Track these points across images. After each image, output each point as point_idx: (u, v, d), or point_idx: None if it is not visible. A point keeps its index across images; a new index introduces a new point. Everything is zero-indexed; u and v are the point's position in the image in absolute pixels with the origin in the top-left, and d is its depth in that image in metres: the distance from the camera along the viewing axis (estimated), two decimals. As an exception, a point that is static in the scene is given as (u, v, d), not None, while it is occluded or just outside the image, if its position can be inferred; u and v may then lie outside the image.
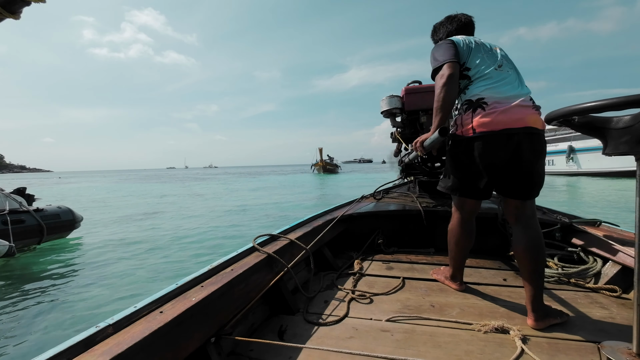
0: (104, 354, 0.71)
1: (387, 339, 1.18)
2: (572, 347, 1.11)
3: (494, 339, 1.16)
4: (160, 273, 4.49)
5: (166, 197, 15.91)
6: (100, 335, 0.77)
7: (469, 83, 1.41)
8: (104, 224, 8.50)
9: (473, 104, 1.35)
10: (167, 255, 5.34)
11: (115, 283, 4.12)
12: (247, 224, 7.85)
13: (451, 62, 1.36)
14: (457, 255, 1.57)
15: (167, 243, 6.19)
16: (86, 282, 4.18)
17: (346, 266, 1.96)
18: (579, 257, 1.75)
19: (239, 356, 1.11)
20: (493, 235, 2.11)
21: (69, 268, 4.80)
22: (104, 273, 4.54)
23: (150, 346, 0.80)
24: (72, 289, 3.96)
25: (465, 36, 1.51)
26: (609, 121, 0.74)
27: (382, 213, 2.30)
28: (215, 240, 6.35)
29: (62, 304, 3.52)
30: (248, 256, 1.42)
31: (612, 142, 0.73)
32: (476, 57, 1.41)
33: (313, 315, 1.38)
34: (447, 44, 1.43)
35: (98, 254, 5.53)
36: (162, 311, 0.91)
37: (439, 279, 1.71)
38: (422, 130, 2.73)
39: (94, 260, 5.17)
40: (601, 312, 1.34)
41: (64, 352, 0.69)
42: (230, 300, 1.13)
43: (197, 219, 8.84)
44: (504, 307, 1.41)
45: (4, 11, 0.44)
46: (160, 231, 7.36)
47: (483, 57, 1.41)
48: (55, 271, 4.65)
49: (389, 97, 2.75)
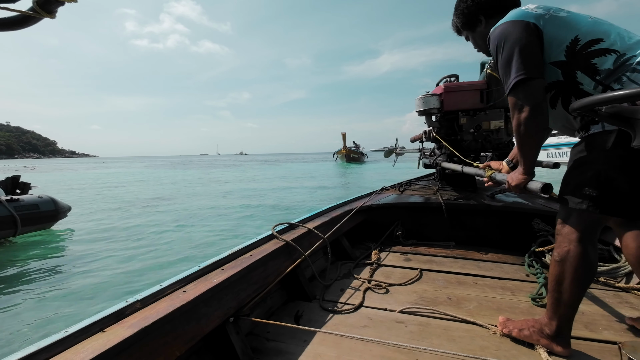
0: (132, 326, 0.77)
1: (400, 329, 1.20)
2: (594, 347, 1.07)
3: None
4: (137, 277, 3.87)
5: (179, 184, 15.86)
6: (129, 309, 0.84)
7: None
8: (103, 212, 8.15)
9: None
10: (148, 256, 4.65)
11: (91, 283, 3.70)
12: (228, 230, 6.32)
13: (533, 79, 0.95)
14: (572, 297, 0.99)
15: (154, 239, 5.57)
16: (57, 282, 3.73)
17: (364, 256, 1.97)
18: (610, 255, 1.66)
19: (256, 337, 1.16)
20: (516, 230, 2.04)
21: (44, 264, 4.31)
22: (82, 270, 4.08)
23: (174, 321, 0.86)
24: (38, 291, 3.47)
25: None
26: (638, 111, 0.70)
27: (402, 205, 2.28)
28: (195, 242, 5.41)
29: (18, 309, 3.08)
30: (267, 243, 1.47)
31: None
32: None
33: (329, 303, 1.41)
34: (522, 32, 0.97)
35: (83, 248, 5.08)
36: (185, 290, 0.97)
37: (522, 336, 1.09)
38: (461, 131, 2.52)
39: (75, 255, 4.74)
40: (630, 313, 1.28)
41: (97, 322, 0.77)
42: (249, 283, 1.19)
43: (195, 213, 8.01)
44: (523, 303, 1.37)
45: (41, 10, 0.48)
46: (148, 226, 6.57)
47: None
48: (26, 268, 4.16)
49: (427, 96, 2.51)
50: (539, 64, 0.96)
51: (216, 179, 18.97)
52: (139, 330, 0.77)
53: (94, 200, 10.66)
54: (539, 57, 0.96)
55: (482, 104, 2.46)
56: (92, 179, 20.38)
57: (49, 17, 0.50)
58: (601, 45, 0.90)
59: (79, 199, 10.84)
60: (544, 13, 0.98)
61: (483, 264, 1.82)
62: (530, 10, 1.00)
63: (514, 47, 0.96)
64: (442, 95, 2.51)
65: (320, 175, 20.68)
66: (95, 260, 4.51)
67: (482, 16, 1.20)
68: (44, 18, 0.50)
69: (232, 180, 17.93)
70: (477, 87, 2.46)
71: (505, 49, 0.99)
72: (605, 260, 1.66)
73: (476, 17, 1.21)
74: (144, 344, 0.77)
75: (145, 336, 0.78)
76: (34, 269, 4.15)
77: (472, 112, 2.48)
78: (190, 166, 41.04)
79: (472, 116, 2.48)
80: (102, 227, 6.56)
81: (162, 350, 0.80)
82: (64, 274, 4.06)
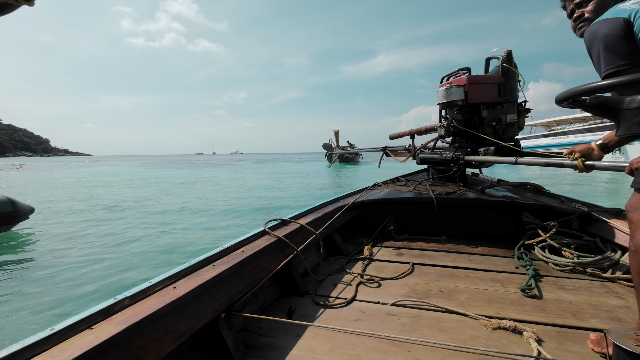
0: (121, 322, 0.76)
1: (393, 322, 1.20)
2: (581, 335, 1.09)
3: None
4: (90, 290, 3.48)
5: (165, 184, 15.24)
6: (117, 306, 0.83)
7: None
8: (71, 215, 7.71)
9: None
10: (106, 266, 4.24)
11: (46, 292, 3.36)
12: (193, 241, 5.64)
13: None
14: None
15: (116, 246, 5.13)
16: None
17: (356, 252, 1.98)
18: (597, 246, 1.70)
19: (249, 332, 1.16)
20: (506, 223, 2.07)
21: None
22: (37, 276, 3.75)
23: (164, 317, 0.85)
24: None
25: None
26: (622, 101, 0.71)
27: (394, 200, 2.30)
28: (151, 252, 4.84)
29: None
30: (259, 239, 1.47)
31: (625, 122, 0.70)
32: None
33: (321, 298, 1.42)
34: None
35: (43, 251, 4.71)
36: (176, 287, 0.96)
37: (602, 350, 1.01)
38: (483, 124, 2.46)
39: (34, 259, 4.42)
40: (616, 302, 1.31)
41: (85, 319, 0.75)
42: (241, 279, 1.18)
43: (169, 215, 7.64)
44: (513, 294, 1.39)
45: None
46: (113, 233, 6.03)
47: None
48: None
49: (451, 87, 2.46)
50: (626, 56, 0.93)
51: (205, 178, 18.62)
52: (127, 326, 0.75)
53: (69, 200, 10.18)
54: (624, 50, 0.93)
55: (499, 98, 2.48)
56: (76, 178, 19.85)
57: (27, 5, 0.49)
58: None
59: (54, 199, 10.37)
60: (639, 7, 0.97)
61: (474, 257, 1.84)
62: (624, 7, 1.00)
63: (600, 46, 0.97)
64: (466, 87, 2.46)
65: (312, 175, 20.05)
66: (50, 267, 4.13)
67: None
68: (21, 5, 0.48)
69: (220, 180, 17.51)
70: (496, 81, 2.47)
71: (595, 48, 0.99)
72: (592, 252, 1.70)
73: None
74: (133, 341, 0.76)
75: (134, 333, 0.76)
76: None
77: (491, 105, 2.48)
78: (182, 165, 40.39)
79: (492, 109, 2.48)
80: (64, 230, 6.11)
81: (151, 346, 0.79)
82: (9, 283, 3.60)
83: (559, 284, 1.48)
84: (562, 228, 1.83)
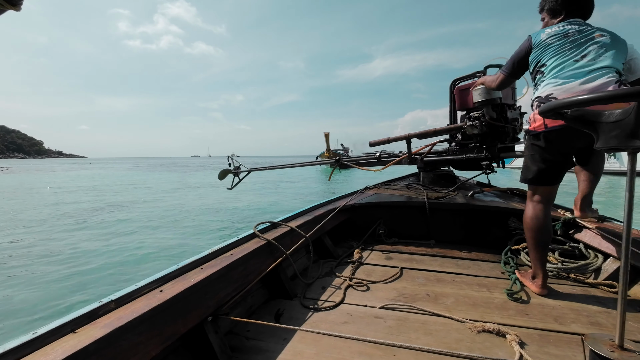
0: (105, 326, 0.76)
1: (379, 325, 1.22)
2: (562, 339, 1.12)
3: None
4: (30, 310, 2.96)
5: (147, 189, 13.94)
6: (103, 310, 0.82)
7: (542, 78, 1.44)
8: (32, 223, 6.88)
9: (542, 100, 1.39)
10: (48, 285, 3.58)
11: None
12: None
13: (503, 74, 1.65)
14: (534, 249, 1.47)
15: (71, 261, 4.43)
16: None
17: (346, 255, 1.99)
18: (580, 252, 1.74)
19: (236, 335, 1.16)
20: (494, 229, 2.11)
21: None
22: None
23: (150, 321, 0.85)
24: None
25: (560, 24, 1.45)
26: (601, 115, 0.73)
27: (384, 204, 2.32)
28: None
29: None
30: (248, 242, 1.47)
31: (603, 136, 0.72)
32: (554, 52, 1.41)
33: (310, 301, 1.42)
34: (520, 47, 1.55)
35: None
36: (162, 290, 0.96)
37: (523, 281, 1.56)
38: (508, 124, 2.53)
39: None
40: (597, 307, 1.34)
41: (68, 322, 0.75)
42: (229, 282, 1.18)
43: (138, 225, 6.74)
44: (498, 299, 1.42)
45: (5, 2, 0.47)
46: (71, 246, 5.24)
47: (563, 50, 1.39)
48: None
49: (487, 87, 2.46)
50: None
51: (190, 184, 16.98)
52: (112, 330, 0.75)
53: (36, 207, 9.23)
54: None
55: (513, 100, 2.62)
56: (58, 182, 18.66)
57: (13, 9, 0.48)
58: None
59: (17, 207, 9.29)
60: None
61: (461, 262, 1.87)
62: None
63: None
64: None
65: (303, 179, 18.51)
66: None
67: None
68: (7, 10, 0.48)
69: (205, 185, 16.08)
70: (512, 85, 2.60)
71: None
72: (576, 258, 1.74)
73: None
74: (117, 344, 0.75)
75: (118, 336, 0.76)
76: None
77: (511, 106, 2.60)
78: (173, 168, 38.52)
79: (512, 110, 2.59)
80: (16, 242, 5.41)
81: (136, 349, 0.79)
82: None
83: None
84: None
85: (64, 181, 20.10)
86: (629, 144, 0.69)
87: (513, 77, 1.64)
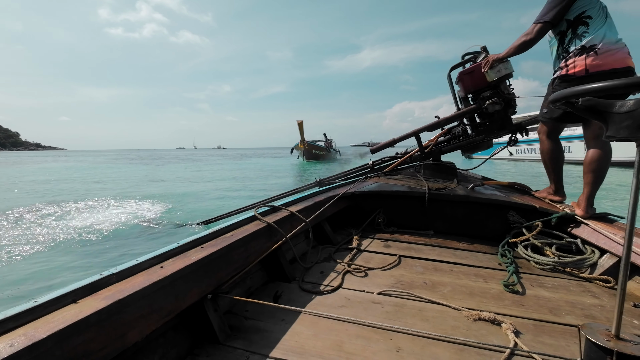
0: (106, 298, 0.76)
1: (377, 309, 1.23)
2: (557, 329, 1.13)
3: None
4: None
5: (107, 184, 12.37)
6: (103, 282, 0.82)
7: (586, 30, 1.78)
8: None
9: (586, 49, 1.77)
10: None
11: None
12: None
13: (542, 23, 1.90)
14: (555, 169, 2.10)
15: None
16: None
17: (345, 241, 2.00)
18: (578, 248, 1.75)
19: (235, 315, 1.17)
20: (492, 221, 2.12)
21: None
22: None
23: (150, 296, 0.85)
24: None
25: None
26: (613, 105, 0.72)
27: (385, 193, 2.32)
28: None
29: None
30: (248, 224, 1.47)
31: (613, 126, 0.72)
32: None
33: (308, 284, 1.43)
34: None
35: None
36: (163, 266, 0.96)
37: (541, 196, 2.21)
38: (511, 107, 2.66)
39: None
40: (592, 300, 1.36)
41: (69, 293, 0.75)
42: (229, 262, 1.18)
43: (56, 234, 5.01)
44: (494, 289, 1.43)
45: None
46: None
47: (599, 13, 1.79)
48: None
49: (502, 61, 2.44)
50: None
51: (159, 177, 15.07)
52: (113, 302, 0.75)
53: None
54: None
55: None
56: (17, 177, 15.89)
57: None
58: None
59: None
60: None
61: (459, 253, 1.88)
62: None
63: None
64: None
65: (277, 173, 16.90)
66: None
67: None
68: None
69: (171, 179, 14.24)
70: None
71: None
72: (573, 252, 1.75)
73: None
74: (117, 317, 0.76)
75: (119, 309, 0.76)
76: None
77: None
78: (150, 161, 34.39)
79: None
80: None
81: (136, 323, 0.79)
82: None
83: (539, 282, 1.52)
84: (546, 228, 1.88)
85: (19, 175, 17.25)
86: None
87: (552, 23, 1.87)
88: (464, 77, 2.71)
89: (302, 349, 0.99)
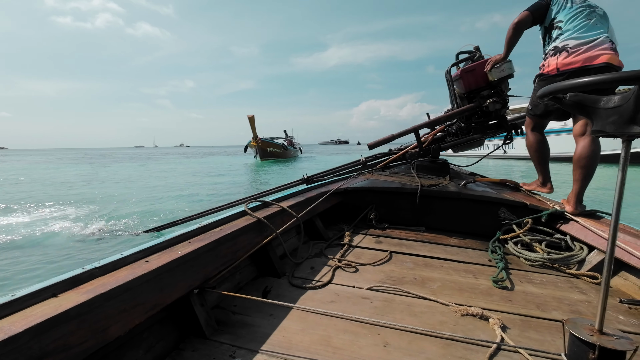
0: (88, 292, 0.75)
1: (366, 305, 1.23)
2: (543, 325, 1.14)
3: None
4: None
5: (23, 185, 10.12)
6: (85, 275, 0.81)
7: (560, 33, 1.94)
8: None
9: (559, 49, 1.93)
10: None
11: None
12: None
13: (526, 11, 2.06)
14: (540, 161, 2.23)
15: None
16: None
17: (336, 237, 2.00)
18: (567, 244, 1.77)
19: (222, 310, 1.16)
20: (483, 218, 2.13)
21: None
22: None
23: (134, 289, 0.84)
24: None
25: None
26: (599, 100, 0.72)
27: (377, 189, 2.32)
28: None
29: None
30: (238, 219, 1.46)
31: (600, 122, 0.72)
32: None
33: (298, 280, 1.43)
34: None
35: None
36: (148, 260, 0.95)
37: (530, 188, 2.33)
38: (505, 107, 2.73)
39: None
40: (579, 296, 1.37)
41: (50, 287, 0.73)
42: (217, 257, 1.17)
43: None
44: (483, 285, 1.44)
45: None
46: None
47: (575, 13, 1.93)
48: None
49: (509, 61, 2.49)
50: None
51: (98, 178, 12.66)
52: (95, 296, 0.74)
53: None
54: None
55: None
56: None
57: None
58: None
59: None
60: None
61: (450, 249, 1.89)
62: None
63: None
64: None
65: (232, 172, 15.04)
66: None
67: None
68: None
69: (110, 180, 12.03)
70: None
71: None
72: (562, 249, 1.77)
73: None
74: (99, 310, 0.74)
75: (101, 303, 0.75)
76: None
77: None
78: (99, 160, 30.16)
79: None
80: None
81: (119, 317, 0.78)
82: None
83: (528, 278, 1.54)
84: (536, 225, 1.90)
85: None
86: (627, 131, 0.69)
87: (533, 16, 2.07)
88: (466, 75, 2.73)
89: (289, 343, 0.99)
